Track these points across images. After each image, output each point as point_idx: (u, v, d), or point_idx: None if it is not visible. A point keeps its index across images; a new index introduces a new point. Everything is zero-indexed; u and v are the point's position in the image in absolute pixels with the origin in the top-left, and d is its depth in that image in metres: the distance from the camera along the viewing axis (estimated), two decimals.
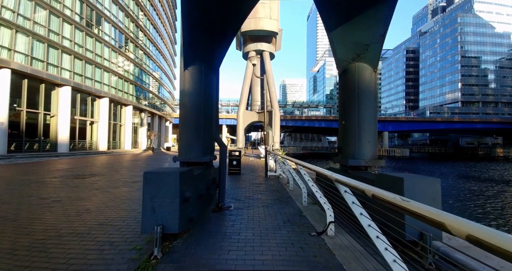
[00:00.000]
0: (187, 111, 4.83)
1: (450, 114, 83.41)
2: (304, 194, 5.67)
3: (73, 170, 11.34)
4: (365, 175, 4.67)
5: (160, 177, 3.10)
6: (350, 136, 5.29)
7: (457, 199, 15.79)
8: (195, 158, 4.75)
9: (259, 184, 8.68)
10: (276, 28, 23.07)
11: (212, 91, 5.13)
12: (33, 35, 20.87)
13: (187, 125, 4.83)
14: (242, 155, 23.01)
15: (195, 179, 3.98)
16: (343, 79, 5.66)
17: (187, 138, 4.83)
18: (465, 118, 68.02)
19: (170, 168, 3.61)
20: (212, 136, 5.28)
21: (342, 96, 5.70)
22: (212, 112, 5.14)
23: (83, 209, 5.00)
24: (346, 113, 5.45)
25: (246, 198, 6.32)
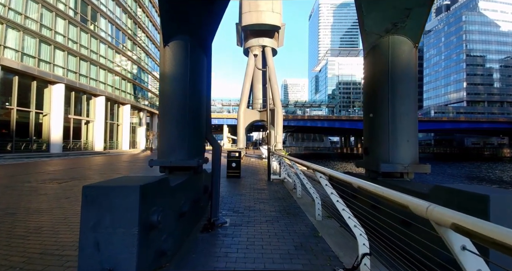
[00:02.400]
0: (168, 101, 3.74)
1: (455, 114, 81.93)
2: (318, 206, 4.55)
3: (56, 173, 10.27)
4: (407, 185, 3.52)
5: (108, 194, 2.00)
6: (381, 134, 4.14)
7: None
8: (178, 161, 3.65)
9: (261, 189, 7.56)
10: (279, 22, 21.91)
11: (201, 74, 4.03)
12: (24, 30, 19.86)
13: (168, 118, 3.74)
14: (242, 156, 21.89)
15: (175, 192, 2.88)
16: (370, 59, 4.46)
17: (168, 136, 3.74)
18: (471, 117, 66.59)
19: (133, 178, 2.50)
20: (202, 133, 4.17)
21: (369, 82, 4.53)
22: (201, 102, 4.04)
23: (35, 227, 3.90)
24: (375, 104, 4.30)
25: (246, 209, 5.20)
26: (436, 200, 2.47)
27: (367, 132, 4.54)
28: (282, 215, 4.80)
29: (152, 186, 2.23)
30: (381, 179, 4.08)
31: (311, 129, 71.27)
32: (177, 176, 3.48)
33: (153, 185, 2.25)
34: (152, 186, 2.22)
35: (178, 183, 3.00)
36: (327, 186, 2.88)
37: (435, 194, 2.69)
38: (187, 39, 3.75)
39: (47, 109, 21.91)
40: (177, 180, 3.13)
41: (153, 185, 2.25)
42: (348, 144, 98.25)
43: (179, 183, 3.04)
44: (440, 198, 2.52)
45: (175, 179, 3.19)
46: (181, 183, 3.14)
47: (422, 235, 1.72)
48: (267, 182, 9.06)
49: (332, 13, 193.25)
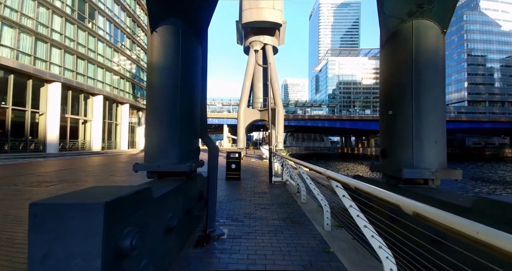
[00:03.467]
0: (156, 95, 3.26)
1: (456, 114, 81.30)
2: (327, 214, 4.07)
3: (47, 175, 9.80)
4: (438, 195, 3.02)
5: (62, 215, 1.52)
6: (403, 134, 3.64)
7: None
8: (167, 166, 3.18)
9: (263, 193, 7.09)
10: (280, 20, 21.42)
11: (195, 65, 3.55)
12: (20, 28, 19.39)
13: (155, 115, 3.26)
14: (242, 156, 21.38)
15: (160, 203, 2.41)
16: (389, 48, 3.94)
17: (156, 136, 3.27)
18: (473, 117, 66.04)
19: (102, 189, 2.02)
20: (196, 132, 3.69)
21: (387, 75, 4.02)
22: (195, 97, 3.56)
23: (8, 238, 3.43)
24: (395, 99, 3.78)
25: (246, 217, 4.73)
26: (480, 215, 2.00)
27: (385, 131, 4.03)
28: (287, 224, 4.33)
29: (125, 200, 1.76)
30: (403, 187, 3.60)
31: (312, 129, 70.76)
32: (166, 183, 3.01)
33: (125, 199, 1.77)
34: (124, 201, 1.75)
35: (165, 193, 2.53)
36: (345, 198, 2.42)
37: (479, 207, 2.21)
38: (179, 24, 3.27)
39: (44, 108, 21.45)
40: (164, 189, 2.66)
41: (126, 199, 1.77)
42: (349, 144, 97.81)
43: (166, 192, 2.57)
44: (485, 213, 2.05)
45: (162, 187, 2.73)
46: (169, 192, 2.67)
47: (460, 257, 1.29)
48: (268, 184, 8.59)
49: (332, 13, 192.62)
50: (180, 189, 3.07)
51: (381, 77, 4.16)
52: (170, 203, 2.69)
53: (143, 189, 2.08)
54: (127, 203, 1.80)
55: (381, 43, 4.10)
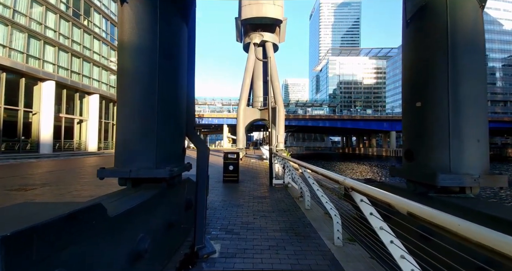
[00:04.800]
0: (128, 84, 2.62)
1: None
2: (337, 226, 3.43)
3: (32, 177, 9.18)
4: (485, 208, 2.35)
5: None
6: (436, 130, 2.98)
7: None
8: (141, 171, 2.52)
9: (262, 198, 6.45)
10: (281, 16, 20.77)
11: (178, 47, 2.91)
12: (12, 24, 18.80)
13: (127, 109, 2.63)
14: (242, 156, 20.70)
15: (122, 223, 1.78)
16: (416, 26, 3.25)
17: (128, 133, 2.63)
18: None
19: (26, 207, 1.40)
20: (181, 129, 3.05)
21: (414, 59, 3.34)
22: (178, 86, 2.91)
23: None
24: (424, 88, 3.12)
25: (243, 227, 4.09)
26: None
27: (410, 128, 3.35)
28: (290, 237, 3.69)
29: (48, 228, 1.13)
30: (435, 196, 2.95)
31: (312, 129, 70.10)
32: (139, 193, 2.38)
33: (50, 226, 1.14)
34: (46, 230, 1.12)
35: (131, 208, 1.90)
36: (373, 216, 1.79)
37: None
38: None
39: (37, 108, 20.84)
40: (132, 201, 2.04)
41: (50, 227, 1.14)
42: (350, 144, 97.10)
43: (134, 206, 1.94)
44: None
45: (129, 200, 2.10)
46: (139, 206, 2.04)
47: None
48: (268, 187, 7.96)
49: (333, 12, 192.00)
50: (157, 200, 2.44)
51: (404, 62, 3.50)
52: (140, 219, 2.06)
53: (88, 207, 1.45)
54: (53, 232, 1.17)
55: (405, 21, 3.42)
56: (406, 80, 3.47)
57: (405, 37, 3.47)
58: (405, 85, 3.47)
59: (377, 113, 75.68)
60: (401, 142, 3.29)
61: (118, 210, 1.78)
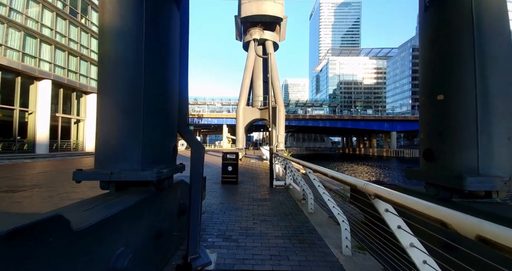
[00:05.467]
0: (110, 73, 2.28)
1: None
2: (346, 233, 3.09)
3: (23, 178, 8.84)
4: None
5: None
6: (461, 127, 2.62)
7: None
8: (124, 173, 2.19)
9: (263, 200, 6.12)
10: (281, 14, 20.42)
11: (168, 34, 2.57)
12: (8, 22, 18.46)
13: (109, 102, 2.27)
14: (242, 157, 20.33)
15: (93, 238, 1.45)
16: (438, 8, 2.85)
17: (110, 131, 2.29)
18: None
19: None
20: (172, 126, 2.71)
21: (434, 45, 2.97)
22: (169, 79, 2.55)
23: None
24: (446, 79, 2.77)
25: (242, 234, 3.76)
26: None
27: (430, 124, 2.96)
28: (293, 245, 3.36)
29: None
30: (459, 201, 2.62)
31: (313, 129, 69.78)
32: (121, 198, 2.05)
33: None
34: None
35: (106, 218, 1.56)
36: (402, 231, 1.45)
37: None
38: None
39: (33, 107, 20.49)
40: (109, 209, 1.70)
41: None
42: (350, 144, 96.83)
43: (110, 216, 1.61)
44: None
45: (108, 207, 1.77)
46: (119, 215, 1.70)
47: None
48: (269, 189, 7.63)
49: (333, 12, 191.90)
50: (144, 206, 2.11)
51: (423, 51, 3.13)
52: (120, 231, 1.73)
53: (43, 220, 1.12)
54: None
55: (423, 4, 3.05)
56: (424, 70, 3.10)
57: (423, 23, 3.10)
58: (424, 76, 3.10)
59: (377, 113, 75.27)
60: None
61: (89, 221, 1.45)
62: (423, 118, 3.04)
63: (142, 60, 2.25)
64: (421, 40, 3.10)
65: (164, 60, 2.50)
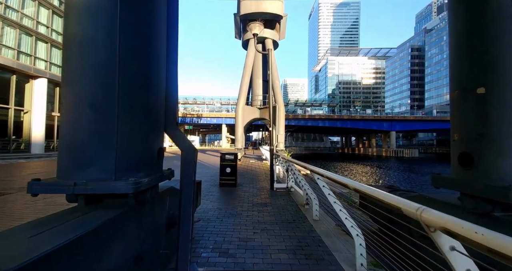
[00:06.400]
0: (75, 59, 1.88)
1: None
2: (360, 250, 2.72)
3: (12, 179, 8.43)
4: None
5: None
6: (506, 126, 2.26)
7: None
8: (92, 184, 1.77)
9: (263, 204, 5.74)
10: (281, 11, 20.03)
11: (152, 11, 2.16)
12: (3, 20, 18.03)
13: (73, 96, 1.85)
14: (241, 157, 19.89)
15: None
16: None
17: (75, 131, 1.88)
18: None
19: None
20: (156, 125, 2.28)
21: (469, 32, 2.54)
22: (152, 67, 2.14)
23: None
24: (487, 70, 2.36)
25: (241, 246, 3.37)
26: None
27: (466, 124, 2.55)
28: (299, 261, 2.97)
29: None
30: (504, 216, 2.23)
31: (312, 128, 69.42)
32: (90, 215, 1.66)
33: None
34: None
35: (54, 250, 1.17)
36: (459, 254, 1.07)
37: None
38: None
39: (28, 106, 20.07)
40: (65, 234, 1.32)
41: None
42: (349, 144, 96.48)
43: (64, 245, 1.22)
44: None
45: (66, 230, 1.38)
46: (80, 240, 1.32)
47: None
48: (269, 192, 7.24)
49: (332, 13, 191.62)
50: (116, 226, 1.71)
51: (455, 36, 2.68)
52: (76, 265, 1.33)
53: None
54: None
55: None
56: (454, 60, 2.68)
57: (453, 7, 2.67)
58: (454, 67, 2.67)
59: (377, 113, 74.99)
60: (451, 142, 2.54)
61: (27, 256, 1.06)
62: (457, 115, 2.59)
63: (116, 42, 1.84)
64: (452, 23, 2.66)
65: (147, 43, 2.09)
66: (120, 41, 1.85)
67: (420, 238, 2.48)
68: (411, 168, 33.96)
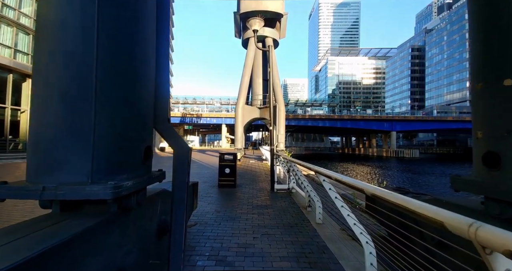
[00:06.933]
0: (47, 45, 1.61)
1: (458, 114, 79.77)
2: (370, 258, 2.47)
3: None
4: None
5: None
6: None
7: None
8: (64, 189, 1.48)
9: (263, 207, 5.49)
10: (281, 9, 19.81)
11: (137, 2, 1.91)
12: (0, 18, 17.79)
13: (44, 88, 1.59)
14: (240, 157, 19.64)
15: None
16: None
17: (46, 127, 1.62)
18: None
19: None
20: (144, 122, 2.02)
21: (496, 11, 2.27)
22: (137, 54, 1.87)
23: None
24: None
25: (240, 253, 3.12)
26: None
27: (492, 120, 2.28)
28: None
29: None
30: None
31: (312, 128, 69.22)
32: (63, 224, 1.42)
33: None
34: None
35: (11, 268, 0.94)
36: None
37: None
38: None
39: (25, 105, 19.83)
40: (30, 247, 1.08)
41: None
42: (349, 144, 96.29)
43: (18, 264, 0.98)
44: None
45: (30, 242, 1.15)
46: (47, 255, 1.08)
47: None
48: (270, 193, 7.00)
49: (332, 13, 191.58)
50: (93, 237, 1.46)
51: (478, 22, 2.43)
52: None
53: None
54: None
55: None
56: (475, 51, 2.38)
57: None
58: (480, 57, 2.40)
59: (377, 113, 74.83)
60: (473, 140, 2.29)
61: None
62: (480, 111, 2.32)
63: (94, 26, 1.59)
64: (474, 6, 2.41)
65: (132, 30, 1.84)
66: (98, 25, 1.60)
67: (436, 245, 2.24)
68: (413, 168, 33.74)
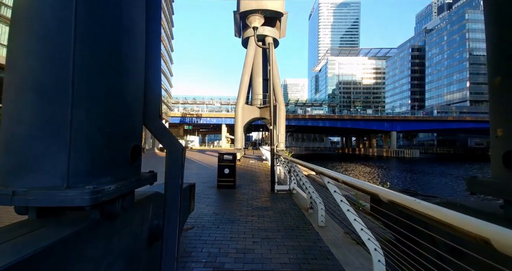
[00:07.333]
0: (20, 33, 1.44)
1: (458, 114, 79.65)
2: (379, 266, 2.29)
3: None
4: None
5: None
6: None
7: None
8: (36, 193, 1.28)
9: (263, 208, 5.30)
10: (281, 8, 19.63)
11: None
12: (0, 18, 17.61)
13: (16, 80, 1.37)
14: (240, 157, 19.42)
15: None
16: None
17: (18, 124, 1.39)
18: (477, 117, 64.23)
19: None
20: (131, 119, 1.82)
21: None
22: (123, 42, 1.67)
23: None
24: None
25: (238, 260, 2.93)
26: None
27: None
28: None
29: None
30: None
31: (312, 129, 69.04)
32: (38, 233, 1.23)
33: None
34: None
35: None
36: None
37: None
38: None
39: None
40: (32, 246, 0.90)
41: None
42: (350, 144, 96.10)
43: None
44: None
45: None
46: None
47: None
48: (270, 194, 6.81)
49: (332, 13, 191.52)
50: (73, 246, 1.28)
51: (496, 12, 2.21)
52: None
53: None
54: None
55: None
56: (491, 45, 2.16)
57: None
58: (493, 52, 2.16)
59: (377, 113, 74.69)
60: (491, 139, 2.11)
61: None
62: (500, 107, 2.10)
63: (72, 12, 1.40)
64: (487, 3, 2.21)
65: (114, 16, 1.65)
66: (76, 11, 1.41)
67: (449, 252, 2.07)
68: (413, 168, 33.56)
